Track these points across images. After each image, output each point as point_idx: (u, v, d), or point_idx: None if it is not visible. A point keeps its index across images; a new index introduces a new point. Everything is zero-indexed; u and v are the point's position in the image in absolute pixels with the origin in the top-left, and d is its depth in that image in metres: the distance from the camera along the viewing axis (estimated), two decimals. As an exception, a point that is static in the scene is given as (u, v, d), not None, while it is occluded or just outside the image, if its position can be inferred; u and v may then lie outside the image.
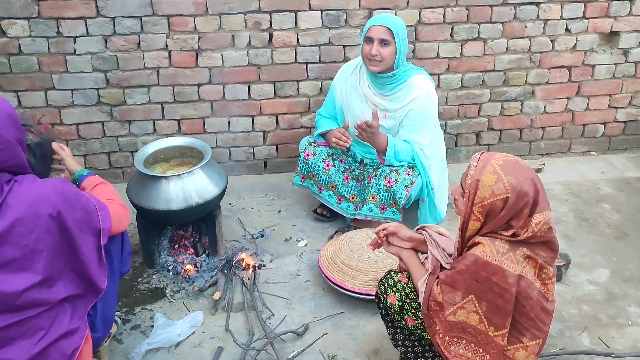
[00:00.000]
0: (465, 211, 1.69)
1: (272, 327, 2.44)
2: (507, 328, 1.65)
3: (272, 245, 2.98)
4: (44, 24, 3.07)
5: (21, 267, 1.62)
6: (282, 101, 3.47)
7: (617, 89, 3.76)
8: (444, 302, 1.70)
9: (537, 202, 1.66)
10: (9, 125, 1.63)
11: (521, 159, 1.72)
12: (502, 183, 1.63)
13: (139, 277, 2.73)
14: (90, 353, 1.88)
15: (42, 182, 1.69)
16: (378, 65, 2.74)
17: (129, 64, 3.23)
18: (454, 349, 1.70)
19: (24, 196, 1.61)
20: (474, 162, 1.70)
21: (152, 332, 2.37)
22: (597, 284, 2.72)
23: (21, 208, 1.59)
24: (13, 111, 1.68)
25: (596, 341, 2.39)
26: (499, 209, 1.64)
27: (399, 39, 2.70)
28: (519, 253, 1.65)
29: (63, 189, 1.69)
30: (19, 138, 1.67)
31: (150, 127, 3.42)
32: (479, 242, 1.67)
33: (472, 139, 3.76)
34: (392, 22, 2.71)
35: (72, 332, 1.76)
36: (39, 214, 1.61)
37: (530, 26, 3.48)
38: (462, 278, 1.67)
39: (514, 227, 1.65)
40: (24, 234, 1.60)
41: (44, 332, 1.69)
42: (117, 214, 1.92)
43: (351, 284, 2.49)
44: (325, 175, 3.00)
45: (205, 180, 2.62)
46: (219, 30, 3.23)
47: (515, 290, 1.62)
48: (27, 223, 1.60)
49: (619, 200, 3.40)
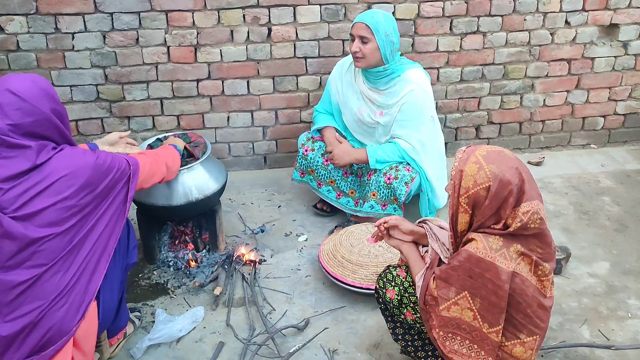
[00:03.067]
0: (452, 202, 1.70)
1: (273, 321, 2.45)
2: (501, 325, 1.65)
3: (272, 240, 2.99)
4: (42, 20, 3.06)
5: (47, 219, 1.77)
6: (282, 96, 3.47)
7: (616, 82, 3.75)
8: (439, 297, 1.71)
9: (523, 191, 1.64)
10: (43, 97, 1.79)
11: (507, 150, 1.72)
12: (483, 172, 1.63)
13: (140, 273, 2.74)
14: (94, 333, 1.93)
15: (82, 151, 1.89)
16: (361, 62, 2.74)
17: (128, 59, 3.22)
18: (449, 344, 1.71)
19: (66, 160, 1.81)
20: (459, 154, 1.71)
21: (153, 327, 2.37)
22: (597, 276, 2.72)
23: (62, 170, 1.79)
24: (48, 86, 1.83)
25: (596, 334, 2.39)
26: (483, 198, 1.64)
27: (380, 35, 2.68)
28: (513, 250, 1.64)
29: (98, 156, 1.89)
30: (54, 110, 1.82)
31: (150, 122, 3.41)
32: (473, 238, 1.67)
33: (472, 133, 3.76)
34: (372, 18, 2.69)
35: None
36: (77, 175, 1.81)
37: (530, 19, 3.47)
38: (456, 274, 1.68)
39: (502, 217, 1.65)
40: (61, 190, 1.78)
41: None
42: (149, 168, 2.15)
43: (352, 279, 2.49)
44: (324, 170, 3.00)
45: (205, 176, 2.62)
46: (217, 25, 3.22)
47: (508, 287, 1.62)
48: (65, 180, 1.79)
49: (618, 193, 3.40)
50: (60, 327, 1.79)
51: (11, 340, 1.74)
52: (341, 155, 2.89)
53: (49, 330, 1.78)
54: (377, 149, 2.85)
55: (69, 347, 1.83)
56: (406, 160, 2.83)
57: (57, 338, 1.79)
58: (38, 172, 1.77)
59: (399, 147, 2.82)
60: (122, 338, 2.29)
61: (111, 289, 2.03)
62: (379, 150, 2.85)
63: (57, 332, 1.79)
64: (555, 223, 3.10)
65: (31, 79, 1.80)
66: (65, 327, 1.80)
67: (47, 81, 1.85)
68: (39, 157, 1.77)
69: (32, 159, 1.75)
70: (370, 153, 2.83)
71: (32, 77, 1.82)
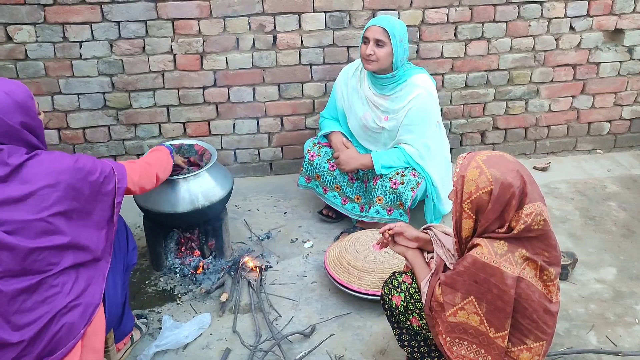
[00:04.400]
0: (456, 209, 1.70)
1: (279, 328, 2.45)
2: (507, 330, 1.65)
3: (278, 246, 2.99)
4: (50, 29, 3.09)
5: (38, 228, 1.75)
6: (287, 103, 3.48)
7: (622, 87, 3.75)
8: (445, 302, 1.71)
9: (525, 193, 1.65)
10: (13, 110, 1.76)
11: (508, 154, 1.73)
12: (484, 176, 1.64)
13: (147, 280, 2.75)
14: (102, 334, 1.93)
15: (59, 154, 1.85)
16: (373, 65, 2.75)
17: (134, 67, 3.24)
18: (456, 349, 1.70)
19: (43, 166, 1.78)
20: (460, 161, 1.72)
21: (160, 334, 2.38)
22: (604, 282, 2.71)
23: (42, 176, 1.76)
24: (24, 98, 1.80)
25: (603, 340, 2.38)
26: (486, 203, 1.64)
27: (396, 40, 2.70)
28: (518, 255, 1.64)
29: (77, 159, 1.86)
30: (24, 123, 1.79)
31: (156, 130, 3.43)
32: (478, 243, 1.67)
33: (477, 139, 3.76)
34: (389, 23, 2.71)
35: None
36: (58, 180, 1.78)
37: (534, 25, 3.47)
38: (461, 279, 1.68)
39: (506, 220, 1.65)
40: (45, 198, 1.76)
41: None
42: (136, 174, 2.10)
43: (357, 285, 2.50)
44: (330, 176, 3.01)
45: (212, 183, 2.63)
46: (223, 33, 3.25)
47: (514, 292, 1.62)
48: (46, 188, 1.76)
49: (625, 198, 3.38)
50: (69, 330, 1.80)
51: (23, 347, 1.75)
52: (347, 160, 2.90)
53: (58, 334, 1.78)
54: (383, 155, 2.86)
55: (77, 349, 1.84)
56: (412, 165, 2.84)
57: (66, 341, 1.80)
58: (17, 180, 1.75)
59: (405, 152, 2.83)
60: (129, 344, 2.30)
61: (114, 290, 2.04)
62: (385, 155, 2.85)
63: (65, 336, 1.80)
64: (562, 229, 3.10)
65: (6, 90, 1.77)
66: (74, 330, 1.81)
67: (25, 93, 1.82)
68: (10, 158, 1.74)
69: (3, 161, 1.73)
70: (375, 158, 2.84)
71: (10, 87, 1.79)
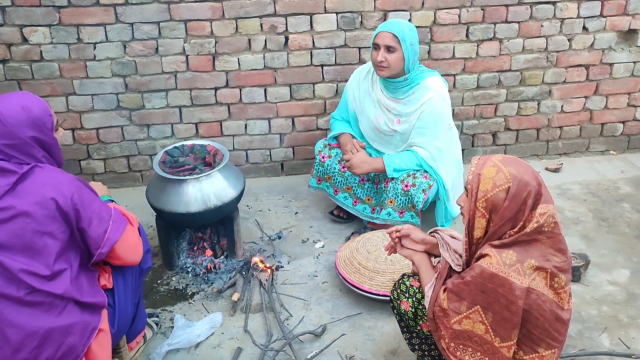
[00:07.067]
0: (470, 208, 1.69)
1: (290, 328, 2.46)
2: (513, 340, 1.64)
3: (289, 246, 3.00)
4: (65, 31, 3.13)
5: (27, 246, 1.72)
6: (298, 103, 3.49)
7: (635, 88, 3.71)
8: (449, 310, 1.70)
9: (540, 193, 1.65)
10: (27, 125, 1.77)
11: (520, 159, 1.73)
12: (502, 174, 1.64)
13: (159, 279, 2.77)
14: (107, 347, 1.91)
15: (59, 172, 1.83)
16: (385, 71, 2.75)
17: (147, 68, 3.27)
18: (460, 354, 1.70)
19: (36, 181, 1.76)
20: (474, 161, 1.72)
21: (172, 333, 2.40)
22: (617, 284, 2.69)
23: (35, 191, 1.74)
24: (40, 115, 1.80)
25: (616, 342, 2.37)
26: (502, 201, 1.63)
27: (406, 44, 2.69)
28: (527, 265, 1.63)
29: (79, 185, 1.83)
30: (35, 138, 1.80)
31: (169, 130, 3.46)
32: (486, 254, 1.65)
33: (488, 140, 3.75)
34: (398, 28, 2.69)
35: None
36: (46, 197, 1.74)
37: (547, 25, 3.46)
38: (468, 289, 1.67)
39: (520, 220, 1.64)
40: (34, 216, 1.73)
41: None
42: (132, 239, 1.97)
43: (368, 285, 2.50)
44: (341, 177, 3.02)
45: (223, 183, 2.65)
46: (235, 34, 3.27)
47: (522, 303, 1.60)
48: (37, 208, 1.73)
49: (638, 200, 3.36)
50: (71, 348, 1.79)
51: None
52: (359, 164, 2.88)
53: (59, 351, 1.77)
54: (394, 158, 2.85)
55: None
56: (424, 168, 2.83)
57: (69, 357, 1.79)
58: (12, 195, 1.73)
59: (417, 155, 2.82)
60: (142, 342, 2.32)
61: (125, 299, 2.03)
62: (396, 158, 2.85)
63: (67, 353, 1.78)
64: (574, 230, 3.08)
65: (23, 105, 1.78)
66: (75, 349, 1.80)
67: (42, 110, 1.82)
68: (17, 167, 1.75)
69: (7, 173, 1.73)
70: (387, 162, 2.84)
71: (27, 102, 1.79)
